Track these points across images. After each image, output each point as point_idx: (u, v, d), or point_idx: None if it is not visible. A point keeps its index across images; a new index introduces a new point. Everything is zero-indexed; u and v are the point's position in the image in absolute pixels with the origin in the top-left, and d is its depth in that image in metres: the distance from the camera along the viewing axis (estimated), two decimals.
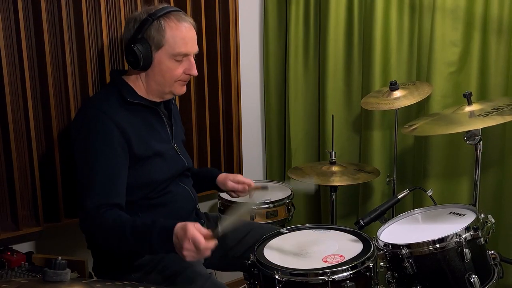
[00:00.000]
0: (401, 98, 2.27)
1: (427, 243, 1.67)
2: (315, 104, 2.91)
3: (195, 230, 1.45)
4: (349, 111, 2.77)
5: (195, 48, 1.80)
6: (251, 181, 2.03)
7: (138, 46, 1.71)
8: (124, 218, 1.59)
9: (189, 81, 2.48)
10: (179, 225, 1.48)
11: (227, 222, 1.56)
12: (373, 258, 1.66)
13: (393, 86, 2.31)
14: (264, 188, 2.05)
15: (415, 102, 2.25)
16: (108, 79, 2.09)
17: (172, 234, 1.47)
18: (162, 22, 1.72)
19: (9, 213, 2.10)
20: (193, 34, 1.79)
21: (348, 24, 2.68)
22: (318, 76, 2.85)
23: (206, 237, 1.45)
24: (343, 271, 1.57)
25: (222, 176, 2.05)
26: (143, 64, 1.73)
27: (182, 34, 1.74)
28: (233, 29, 2.66)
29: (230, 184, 2.02)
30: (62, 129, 2.15)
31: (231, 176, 2.05)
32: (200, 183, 2.06)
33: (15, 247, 2.04)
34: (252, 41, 2.96)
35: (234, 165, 2.78)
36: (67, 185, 2.16)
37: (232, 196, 2.12)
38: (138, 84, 1.81)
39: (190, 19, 1.80)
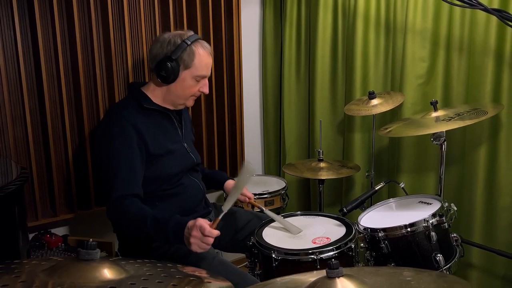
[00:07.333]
0: (378, 105, 2.28)
1: (400, 227, 1.68)
2: (305, 111, 2.91)
3: (203, 220, 1.47)
4: (334, 116, 2.76)
5: (210, 72, 1.85)
6: (252, 196, 2.05)
7: (172, 64, 1.74)
8: (146, 211, 1.60)
9: None
10: (191, 220, 1.50)
11: (227, 202, 1.53)
12: (354, 240, 1.67)
13: (371, 95, 2.32)
14: (260, 210, 2.03)
15: (389, 108, 2.25)
16: None
17: (185, 227, 1.49)
18: (193, 48, 1.76)
19: (48, 202, 2.10)
20: (211, 61, 1.83)
21: (334, 43, 2.68)
22: (308, 87, 2.85)
23: (211, 226, 1.46)
24: (329, 251, 1.58)
25: (229, 183, 2.07)
26: (171, 79, 1.76)
27: (206, 61, 1.79)
28: (236, 49, 2.66)
29: None
30: (93, 132, 2.15)
31: None
32: (210, 183, 2.07)
33: (53, 230, 2.06)
34: (252, 58, 2.97)
35: (238, 163, 2.77)
36: (97, 178, 2.17)
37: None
38: (155, 93, 1.82)
39: (210, 48, 1.84)
